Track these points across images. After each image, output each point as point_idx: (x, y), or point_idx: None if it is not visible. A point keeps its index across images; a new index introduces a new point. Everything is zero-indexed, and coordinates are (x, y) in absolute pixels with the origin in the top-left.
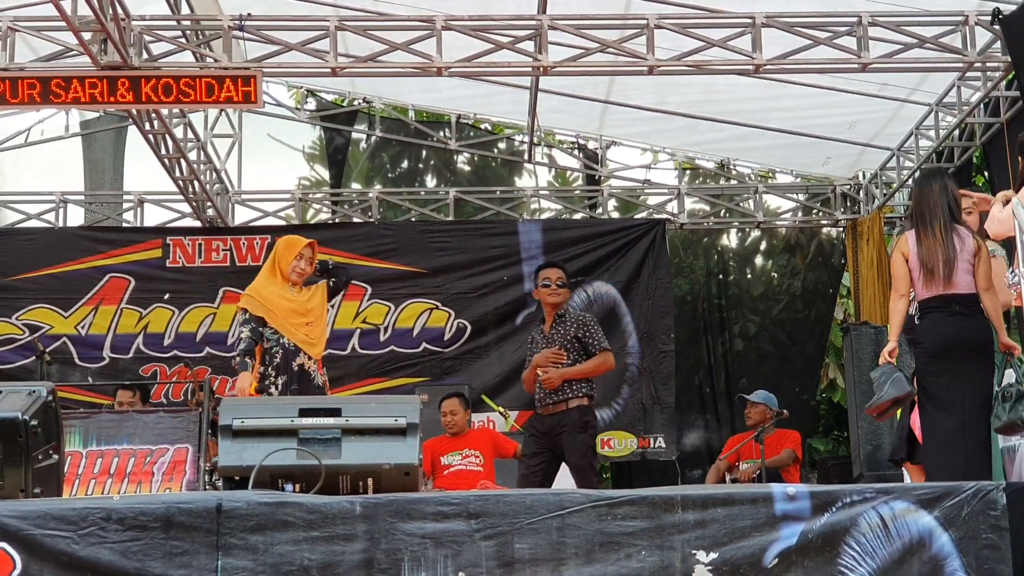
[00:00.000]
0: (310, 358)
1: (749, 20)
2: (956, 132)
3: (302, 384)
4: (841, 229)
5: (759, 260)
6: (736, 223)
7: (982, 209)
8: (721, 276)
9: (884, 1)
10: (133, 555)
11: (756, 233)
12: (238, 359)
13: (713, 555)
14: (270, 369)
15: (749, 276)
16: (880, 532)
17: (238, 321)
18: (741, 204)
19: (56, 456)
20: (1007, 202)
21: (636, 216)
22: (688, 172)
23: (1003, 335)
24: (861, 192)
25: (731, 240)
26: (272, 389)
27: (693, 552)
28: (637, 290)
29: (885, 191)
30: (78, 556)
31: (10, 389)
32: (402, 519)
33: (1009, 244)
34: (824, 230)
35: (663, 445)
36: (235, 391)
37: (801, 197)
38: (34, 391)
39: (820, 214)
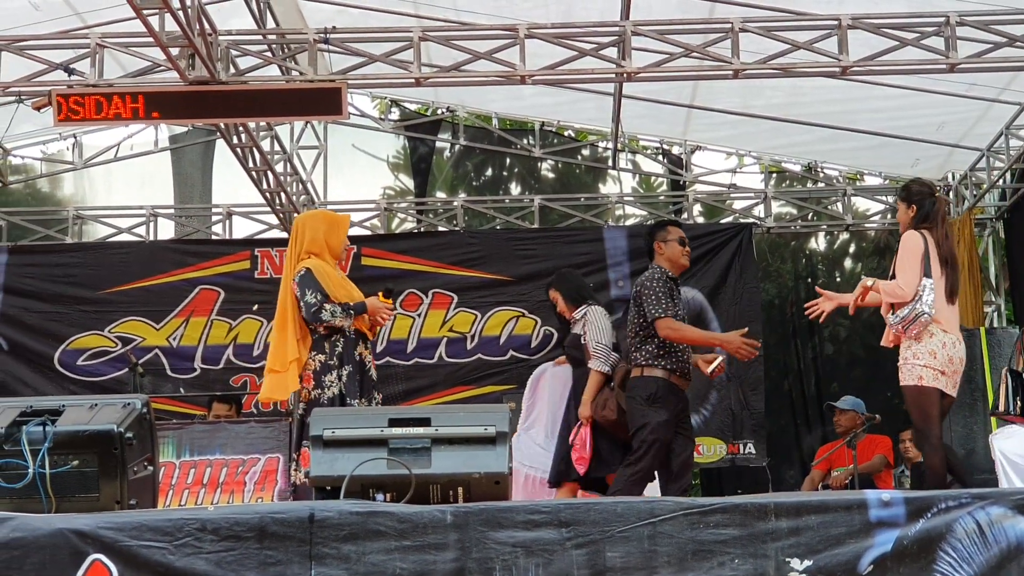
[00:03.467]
0: (366, 347)
1: (835, 22)
2: None
3: (363, 376)
4: None
5: (848, 263)
6: (824, 226)
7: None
8: (810, 279)
9: (972, 0)
10: (228, 565)
11: (845, 236)
12: (339, 312)
13: (807, 563)
14: (333, 358)
15: (838, 279)
16: (977, 538)
17: (300, 289)
18: (829, 207)
19: (151, 468)
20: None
21: (722, 220)
22: (774, 175)
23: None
24: (951, 193)
25: (819, 243)
26: (336, 381)
27: (787, 560)
28: (724, 295)
29: (975, 192)
30: (174, 567)
31: (105, 402)
32: (493, 528)
33: None
34: None
35: (753, 451)
36: (375, 321)
37: (890, 199)
38: (129, 403)
39: None
